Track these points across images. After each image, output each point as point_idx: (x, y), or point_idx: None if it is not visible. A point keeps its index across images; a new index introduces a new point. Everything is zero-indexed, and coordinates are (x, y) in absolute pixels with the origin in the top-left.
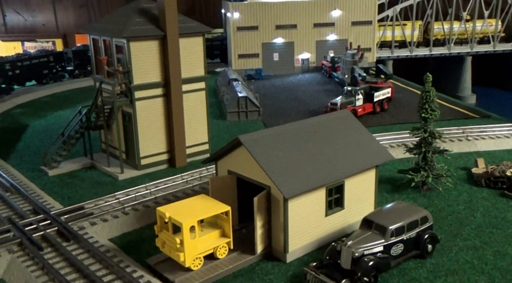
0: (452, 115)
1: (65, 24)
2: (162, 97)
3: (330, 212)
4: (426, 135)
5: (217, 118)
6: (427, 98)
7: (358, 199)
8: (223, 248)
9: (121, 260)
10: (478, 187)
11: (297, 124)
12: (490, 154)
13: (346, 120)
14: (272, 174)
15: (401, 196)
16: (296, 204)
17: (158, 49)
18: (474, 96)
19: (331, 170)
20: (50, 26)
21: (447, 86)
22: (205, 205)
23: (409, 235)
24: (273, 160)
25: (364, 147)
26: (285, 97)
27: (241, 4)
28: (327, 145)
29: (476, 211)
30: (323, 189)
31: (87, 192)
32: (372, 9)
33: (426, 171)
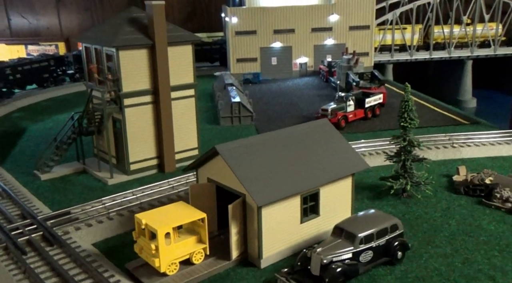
0: (442, 121)
1: (69, 27)
2: (152, 104)
3: (305, 219)
4: (405, 144)
5: (211, 123)
6: (406, 108)
7: (334, 206)
8: (199, 254)
9: (101, 265)
10: (457, 194)
11: (275, 133)
12: (475, 161)
13: (324, 129)
14: (246, 183)
15: (381, 203)
16: (270, 211)
17: (147, 57)
18: (475, 100)
19: (306, 178)
20: (54, 29)
21: (448, 90)
22: (181, 212)
23: (378, 243)
24: (248, 169)
25: (340, 155)
26: (280, 102)
27: (239, 9)
28: (303, 153)
29: (452, 218)
30: (297, 197)
31: (76, 196)
32: (369, 13)
33: (405, 178)
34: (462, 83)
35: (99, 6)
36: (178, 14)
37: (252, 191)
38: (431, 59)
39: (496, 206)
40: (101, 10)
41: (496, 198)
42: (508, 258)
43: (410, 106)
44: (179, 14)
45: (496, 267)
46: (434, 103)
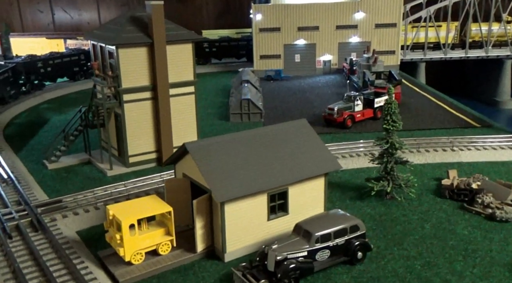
0: (454, 123)
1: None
2: (151, 100)
3: (273, 216)
4: (387, 146)
5: (222, 119)
6: (389, 110)
7: (305, 205)
8: (165, 245)
9: (75, 252)
10: (442, 198)
11: (250, 132)
12: (472, 165)
13: (301, 130)
14: (209, 179)
15: (362, 204)
16: (233, 207)
17: (146, 55)
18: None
19: (274, 177)
20: (94, 24)
21: (485, 90)
22: (150, 205)
23: (336, 242)
24: (214, 166)
25: (313, 155)
26: (296, 99)
27: (264, 6)
28: (274, 153)
29: (427, 222)
30: (264, 195)
31: (75, 186)
32: (396, 11)
33: (388, 180)
34: (500, 83)
35: (136, 1)
36: (213, 9)
37: (214, 187)
38: (467, 58)
39: (476, 211)
40: (138, 5)
41: (478, 203)
42: (470, 263)
43: (393, 109)
44: (213, 10)
45: (455, 272)
46: (451, 104)
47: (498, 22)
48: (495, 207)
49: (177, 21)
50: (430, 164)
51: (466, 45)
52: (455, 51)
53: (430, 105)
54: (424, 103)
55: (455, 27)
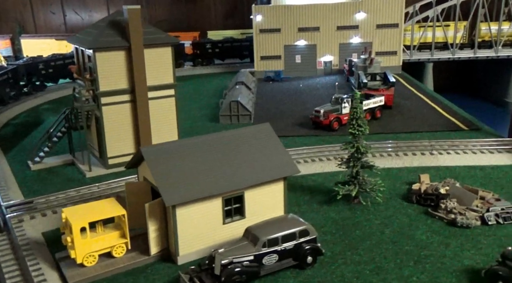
0: (443, 126)
1: None
2: (130, 102)
3: (228, 220)
4: (353, 151)
5: (213, 121)
6: (355, 115)
7: (263, 209)
8: (120, 248)
9: (32, 253)
10: (409, 203)
11: (211, 136)
12: (450, 169)
13: (262, 134)
14: (160, 183)
15: (328, 208)
16: (186, 211)
17: (124, 58)
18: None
19: (229, 181)
20: None
21: (495, 91)
22: (105, 208)
23: (284, 247)
24: (168, 170)
25: (272, 160)
26: (292, 101)
27: (264, 7)
28: (232, 157)
29: (388, 226)
30: (219, 199)
31: (54, 187)
32: (398, 11)
33: (354, 184)
34: (510, 84)
35: (145, 2)
36: (220, 10)
37: (164, 191)
38: (476, 58)
39: (439, 217)
40: (147, 6)
41: (441, 208)
42: (419, 269)
43: (358, 113)
44: (221, 10)
45: (402, 277)
46: (445, 106)
47: (509, 22)
48: (458, 213)
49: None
50: (407, 168)
51: (474, 45)
52: (463, 51)
53: (424, 107)
54: (418, 106)
55: (463, 26)
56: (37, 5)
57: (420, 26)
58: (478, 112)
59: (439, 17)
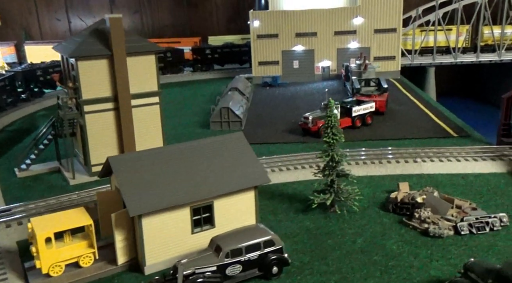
0: (433, 133)
1: None
2: (113, 110)
3: (197, 230)
4: (327, 159)
5: (204, 127)
6: (329, 123)
7: (234, 218)
8: (87, 258)
9: (2, 262)
10: (386, 212)
11: (182, 145)
12: (432, 177)
13: (235, 143)
14: (126, 192)
15: (304, 216)
16: (153, 220)
17: (107, 67)
18: None
19: (197, 190)
20: None
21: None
22: (72, 218)
23: (248, 257)
24: (135, 179)
25: (242, 169)
26: (285, 107)
27: (261, 13)
28: (202, 166)
29: (361, 236)
30: (187, 208)
31: (36, 194)
32: (396, 16)
33: (330, 193)
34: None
35: (147, 8)
36: (223, 15)
37: (129, 201)
38: (479, 62)
39: (413, 226)
40: (150, 12)
41: (415, 217)
42: (385, 280)
43: (333, 122)
44: (223, 15)
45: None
46: (438, 113)
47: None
48: (431, 222)
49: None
50: (389, 176)
51: (477, 49)
52: (466, 55)
53: (417, 113)
54: (412, 112)
55: (466, 30)
56: (43, 11)
57: (421, 30)
58: (481, 116)
59: (441, 21)
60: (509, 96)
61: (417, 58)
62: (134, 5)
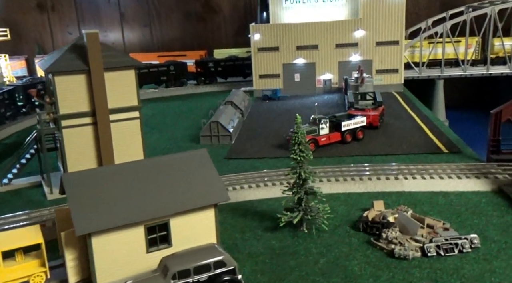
0: (424, 148)
1: (131, 42)
2: (91, 125)
3: (153, 249)
4: (294, 177)
5: (194, 141)
6: (296, 140)
7: (192, 237)
8: (38, 277)
9: None
10: (356, 231)
11: (140, 162)
12: (412, 195)
13: (196, 159)
14: (73, 210)
15: (272, 235)
16: (104, 239)
17: (84, 82)
18: None
19: (151, 209)
20: (118, 44)
21: None
22: (24, 236)
23: (197, 278)
24: (85, 197)
25: (202, 186)
26: (281, 121)
27: (262, 26)
28: (158, 183)
29: (325, 256)
30: (141, 227)
31: (12, 209)
32: (398, 29)
33: (299, 211)
34: None
35: (157, 22)
36: (231, 28)
37: (76, 219)
38: (489, 74)
39: (380, 247)
40: (159, 26)
41: (382, 238)
42: None
43: (299, 138)
44: (231, 28)
45: None
46: (434, 127)
47: None
48: (398, 243)
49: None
50: (369, 193)
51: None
52: (476, 67)
53: (412, 128)
54: (407, 126)
55: (475, 42)
56: (56, 26)
57: (429, 42)
58: None
59: (449, 33)
60: (497, 111)
61: (425, 70)
62: (144, 19)
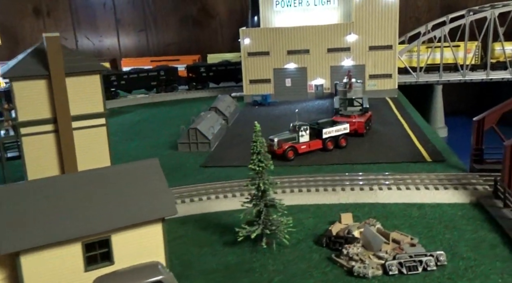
0: (404, 157)
1: (127, 47)
2: (53, 133)
3: (92, 267)
4: (253, 188)
5: (173, 148)
6: (254, 149)
7: (137, 253)
8: None
9: None
10: (319, 246)
11: (82, 173)
12: (385, 207)
13: (145, 171)
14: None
15: (230, 250)
16: (34, 258)
17: (45, 87)
18: None
19: (90, 224)
20: (113, 49)
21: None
22: None
23: None
24: (14, 213)
25: (148, 199)
26: (266, 128)
27: (252, 30)
28: (100, 196)
29: (281, 274)
30: (77, 244)
31: None
32: (392, 33)
33: (258, 224)
34: None
35: (153, 27)
36: (228, 33)
37: (0, 237)
38: (489, 80)
39: (341, 264)
40: (155, 31)
41: (343, 254)
42: None
43: (258, 148)
44: (228, 33)
45: None
46: (421, 135)
47: None
48: (359, 260)
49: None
50: (341, 204)
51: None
52: (475, 73)
53: (399, 135)
54: (394, 133)
55: (475, 46)
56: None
57: (427, 46)
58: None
59: (447, 37)
60: (480, 119)
61: (423, 76)
62: (139, 24)
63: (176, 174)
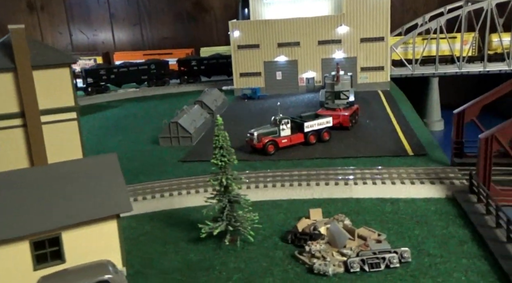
0: (386, 152)
1: (121, 41)
2: (22, 127)
3: (41, 266)
4: (215, 184)
5: (154, 143)
6: (216, 143)
7: (90, 252)
8: None
9: None
10: (285, 243)
11: (32, 169)
12: (359, 202)
13: (101, 166)
14: None
15: (194, 247)
16: None
17: (12, 80)
18: None
19: (38, 221)
20: (108, 43)
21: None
22: None
23: None
24: None
25: (102, 196)
26: (252, 122)
27: (241, 22)
28: (50, 192)
29: (241, 272)
30: (25, 242)
31: None
32: (384, 24)
33: (222, 221)
34: None
35: (147, 21)
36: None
37: None
38: (487, 72)
39: (303, 261)
40: (149, 25)
41: (306, 251)
42: None
43: (220, 142)
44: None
45: None
46: (407, 129)
47: None
48: (321, 257)
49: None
50: (314, 200)
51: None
52: (472, 65)
53: (385, 129)
54: (380, 127)
55: (472, 38)
56: (46, 26)
57: (423, 38)
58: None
59: (443, 28)
60: (460, 111)
61: (419, 68)
62: (134, 19)
63: (154, 169)
